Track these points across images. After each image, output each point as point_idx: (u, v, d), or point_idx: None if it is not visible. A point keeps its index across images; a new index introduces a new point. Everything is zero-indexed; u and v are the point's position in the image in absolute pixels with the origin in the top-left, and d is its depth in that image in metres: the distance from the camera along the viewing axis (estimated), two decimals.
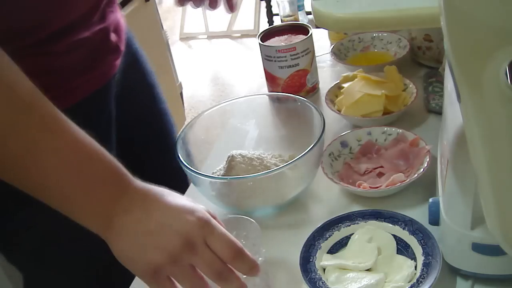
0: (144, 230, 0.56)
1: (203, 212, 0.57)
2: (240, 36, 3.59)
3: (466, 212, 0.56)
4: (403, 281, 0.59)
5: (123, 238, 0.56)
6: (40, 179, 0.55)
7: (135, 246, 0.56)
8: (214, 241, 0.56)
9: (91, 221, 0.57)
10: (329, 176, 0.75)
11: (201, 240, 0.55)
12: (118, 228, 0.56)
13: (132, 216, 0.56)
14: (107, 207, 0.56)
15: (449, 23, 0.39)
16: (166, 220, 0.56)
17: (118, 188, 0.57)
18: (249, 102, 0.87)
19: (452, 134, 0.55)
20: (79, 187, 0.56)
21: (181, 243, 0.55)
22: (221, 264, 0.56)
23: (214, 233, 0.56)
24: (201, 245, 0.55)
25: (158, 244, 0.55)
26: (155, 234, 0.55)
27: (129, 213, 0.56)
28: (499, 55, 0.37)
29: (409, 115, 0.88)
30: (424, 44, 0.98)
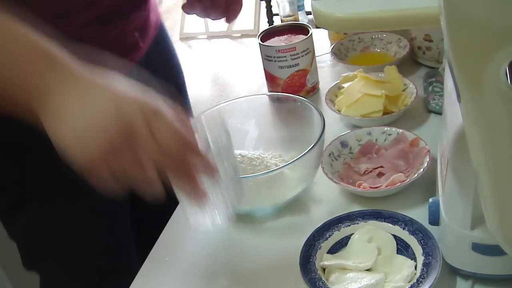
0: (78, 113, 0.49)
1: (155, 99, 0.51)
2: (240, 36, 3.59)
3: (466, 212, 0.56)
4: (403, 281, 0.59)
5: (57, 121, 0.50)
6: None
7: (69, 132, 0.49)
8: (159, 129, 0.49)
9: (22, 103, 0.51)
10: (329, 176, 0.75)
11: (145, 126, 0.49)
12: (51, 108, 0.50)
13: (66, 96, 0.49)
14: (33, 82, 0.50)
15: (449, 23, 0.39)
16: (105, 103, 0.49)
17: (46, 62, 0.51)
18: (249, 102, 0.87)
19: (452, 134, 0.55)
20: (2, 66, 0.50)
21: (119, 128, 0.48)
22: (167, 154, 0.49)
23: (159, 119, 0.49)
24: (144, 132, 0.49)
25: (94, 131, 0.48)
26: (90, 119, 0.49)
27: (62, 91, 0.50)
28: (499, 55, 0.37)
29: (409, 115, 0.88)
30: (424, 44, 0.98)
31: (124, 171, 0.50)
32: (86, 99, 0.50)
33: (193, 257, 0.72)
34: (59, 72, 0.51)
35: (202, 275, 0.70)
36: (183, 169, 0.51)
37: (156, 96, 0.52)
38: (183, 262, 0.71)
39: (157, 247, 0.76)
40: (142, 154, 0.49)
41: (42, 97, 0.50)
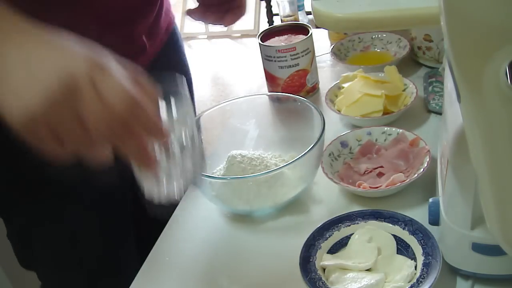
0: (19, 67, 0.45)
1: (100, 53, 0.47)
2: (240, 36, 3.59)
3: (466, 212, 0.56)
4: (403, 281, 0.59)
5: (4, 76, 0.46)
6: None
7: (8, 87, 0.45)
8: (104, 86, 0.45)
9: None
10: (329, 176, 0.75)
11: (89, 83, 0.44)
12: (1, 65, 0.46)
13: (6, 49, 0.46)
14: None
15: (449, 23, 0.39)
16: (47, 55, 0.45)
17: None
18: (249, 102, 0.87)
19: (452, 134, 0.55)
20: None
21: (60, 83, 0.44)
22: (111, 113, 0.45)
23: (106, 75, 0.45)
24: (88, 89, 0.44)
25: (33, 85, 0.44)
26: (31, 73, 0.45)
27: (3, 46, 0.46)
28: (499, 55, 0.37)
29: (409, 115, 0.88)
30: (424, 44, 0.98)
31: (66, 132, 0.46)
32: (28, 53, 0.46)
33: (193, 257, 0.72)
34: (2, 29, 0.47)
35: (202, 275, 0.70)
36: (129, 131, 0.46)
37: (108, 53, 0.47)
38: (183, 262, 0.71)
39: (157, 247, 0.76)
40: (85, 112, 0.45)
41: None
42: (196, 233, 0.76)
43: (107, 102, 0.45)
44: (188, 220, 0.80)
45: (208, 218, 0.78)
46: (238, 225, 0.75)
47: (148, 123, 0.47)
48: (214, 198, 0.75)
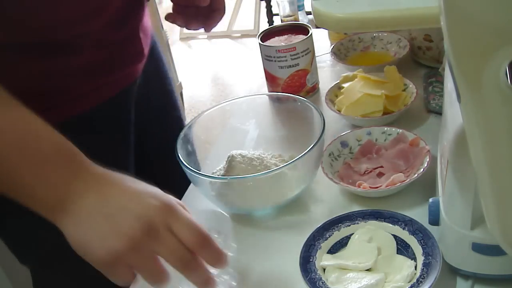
0: (101, 214, 0.52)
1: (168, 197, 0.54)
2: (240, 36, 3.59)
3: (466, 212, 0.56)
4: (403, 281, 0.59)
5: (78, 223, 0.52)
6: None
7: (92, 232, 0.52)
8: (178, 227, 0.52)
9: (41, 205, 0.53)
10: (329, 176, 0.75)
11: (165, 226, 0.52)
12: (72, 212, 0.52)
13: (88, 199, 0.52)
14: (58, 189, 0.52)
15: (449, 23, 0.39)
16: (127, 204, 0.52)
17: (70, 169, 0.53)
18: (249, 102, 0.87)
19: (452, 134, 0.55)
20: (26, 168, 0.52)
21: (142, 228, 0.51)
22: (186, 252, 0.52)
23: (179, 218, 0.52)
24: (164, 231, 0.52)
25: (118, 230, 0.51)
26: (114, 219, 0.51)
27: (85, 196, 0.52)
28: (499, 55, 0.37)
29: (409, 115, 0.88)
30: (424, 44, 0.98)
31: (141, 266, 0.53)
32: (107, 200, 0.52)
33: None
34: (85, 176, 0.53)
35: None
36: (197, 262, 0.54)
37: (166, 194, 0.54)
38: None
39: None
40: (162, 249, 0.52)
41: (62, 199, 0.52)
42: None
43: (182, 239, 0.52)
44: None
45: (208, 218, 0.78)
46: (238, 225, 0.75)
47: (215, 254, 0.54)
48: (214, 198, 0.75)
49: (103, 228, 0.51)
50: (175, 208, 0.53)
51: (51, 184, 0.53)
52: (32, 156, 0.53)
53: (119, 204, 0.52)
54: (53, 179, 0.53)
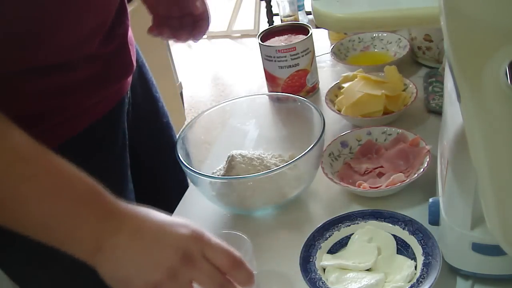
0: (137, 248, 0.54)
1: (196, 225, 0.56)
2: (240, 36, 3.58)
3: (466, 212, 0.56)
4: (403, 281, 0.59)
5: (116, 260, 0.54)
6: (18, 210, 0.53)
7: (130, 266, 0.54)
8: (212, 252, 0.54)
9: (78, 248, 0.55)
10: (329, 176, 0.75)
11: (199, 253, 0.54)
12: (109, 250, 0.54)
13: (123, 236, 0.54)
14: (94, 230, 0.54)
15: (449, 23, 0.39)
16: (160, 236, 0.54)
17: (103, 210, 0.55)
18: (249, 102, 0.87)
19: (452, 134, 0.55)
20: (61, 213, 0.54)
21: (178, 257, 0.53)
22: (221, 276, 0.55)
23: (211, 244, 0.55)
24: (199, 258, 0.54)
25: (155, 261, 0.53)
26: (150, 251, 0.53)
27: (119, 233, 0.54)
28: (499, 55, 0.38)
29: (409, 115, 0.88)
30: (424, 44, 0.98)
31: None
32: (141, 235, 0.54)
33: None
34: (117, 215, 0.55)
35: None
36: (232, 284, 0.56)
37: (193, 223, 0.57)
38: None
39: None
40: (199, 275, 0.54)
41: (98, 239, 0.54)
42: None
43: (216, 263, 0.54)
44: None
45: (208, 218, 0.78)
46: (238, 225, 0.75)
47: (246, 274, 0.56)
48: (214, 198, 0.75)
49: (140, 262, 0.53)
50: (205, 235, 0.55)
51: (86, 225, 0.54)
52: (66, 200, 0.54)
53: (152, 237, 0.54)
54: (88, 220, 0.54)
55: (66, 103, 0.71)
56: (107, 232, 0.54)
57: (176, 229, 0.54)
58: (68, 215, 0.54)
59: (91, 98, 0.75)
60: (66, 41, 0.67)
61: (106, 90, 0.77)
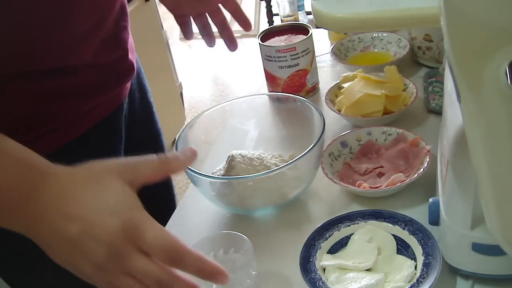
0: (64, 239, 0.50)
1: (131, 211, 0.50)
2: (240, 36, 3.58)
3: (466, 212, 0.56)
4: (403, 281, 0.59)
5: (47, 247, 0.51)
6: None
7: (60, 255, 0.51)
8: (146, 246, 0.49)
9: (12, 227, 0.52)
10: (329, 176, 0.75)
11: (129, 247, 0.49)
12: (37, 235, 0.51)
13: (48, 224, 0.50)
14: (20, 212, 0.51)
15: (449, 23, 0.39)
16: (85, 227, 0.49)
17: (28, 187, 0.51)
18: (249, 102, 0.87)
19: (452, 134, 0.55)
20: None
21: (105, 253, 0.48)
22: (157, 270, 0.49)
23: (144, 237, 0.49)
24: (130, 253, 0.49)
25: (82, 255, 0.49)
26: (76, 244, 0.49)
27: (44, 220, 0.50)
28: (499, 55, 0.37)
29: (409, 115, 0.88)
30: (424, 44, 0.98)
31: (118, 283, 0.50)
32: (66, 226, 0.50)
33: None
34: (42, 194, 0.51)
35: None
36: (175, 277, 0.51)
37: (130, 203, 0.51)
38: None
39: None
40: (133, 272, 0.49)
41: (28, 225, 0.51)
42: (196, 233, 0.76)
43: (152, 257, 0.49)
44: (188, 220, 0.80)
45: (208, 218, 0.78)
46: (238, 225, 0.75)
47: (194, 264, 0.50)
48: (214, 198, 0.75)
49: (69, 253, 0.50)
50: (138, 225, 0.49)
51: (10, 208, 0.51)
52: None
53: (78, 226, 0.49)
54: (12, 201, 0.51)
55: (64, 108, 0.71)
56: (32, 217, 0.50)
57: (105, 218, 0.49)
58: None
59: (89, 103, 0.74)
60: (60, 42, 0.67)
61: (105, 95, 0.77)
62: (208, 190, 0.74)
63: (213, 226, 0.77)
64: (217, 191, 0.74)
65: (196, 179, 0.73)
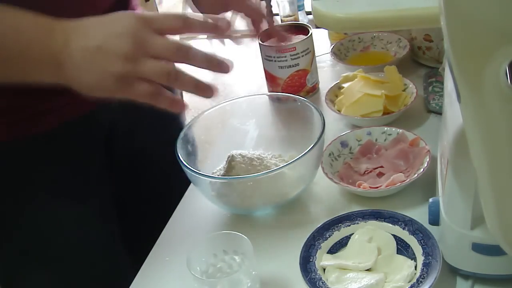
0: (91, 49, 0.56)
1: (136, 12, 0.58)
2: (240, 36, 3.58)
3: (466, 212, 0.56)
4: (403, 281, 0.59)
5: (77, 68, 0.56)
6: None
7: (92, 68, 0.56)
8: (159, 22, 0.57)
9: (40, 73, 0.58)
10: (329, 176, 0.75)
11: (149, 32, 0.56)
12: (67, 61, 0.56)
13: (74, 44, 0.56)
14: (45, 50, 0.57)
15: (449, 23, 0.39)
16: (107, 30, 0.56)
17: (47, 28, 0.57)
18: (249, 102, 0.87)
19: (452, 134, 0.55)
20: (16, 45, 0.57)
21: (132, 41, 0.55)
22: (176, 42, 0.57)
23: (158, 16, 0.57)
24: (151, 36, 0.56)
25: (112, 54, 0.55)
26: (104, 47, 0.55)
27: (69, 42, 0.56)
28: (499, 55, 0.37)
29: (409, 115, 0.88)
30: (424, 44, 0.98)
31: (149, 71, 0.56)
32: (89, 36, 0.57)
33: None
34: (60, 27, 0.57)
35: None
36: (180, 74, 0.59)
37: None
38: (183, 262, 0.71)
39: (157, 247, 0.76)
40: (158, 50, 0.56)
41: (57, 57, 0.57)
42: (196, 233, 0.76)
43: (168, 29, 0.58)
44: (188, 220, 0.80)
45: (208, 218, 0.78)
46: (238, 225, 0.75)
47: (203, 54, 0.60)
48: (214, 198, 0.75)
49: (100, 59, 0.56)
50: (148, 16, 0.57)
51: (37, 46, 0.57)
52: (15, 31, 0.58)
53: (101, 33, 0.56)
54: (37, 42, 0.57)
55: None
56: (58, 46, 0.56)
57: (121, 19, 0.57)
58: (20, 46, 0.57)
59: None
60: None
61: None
62: (208, 190, 0.74)
63: (213, 226, 0.76)
64: (217, 191, 0.74)
65: (196, 179, 0.73)
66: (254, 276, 0.62)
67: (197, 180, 0.73)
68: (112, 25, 0.57)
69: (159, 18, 0.58)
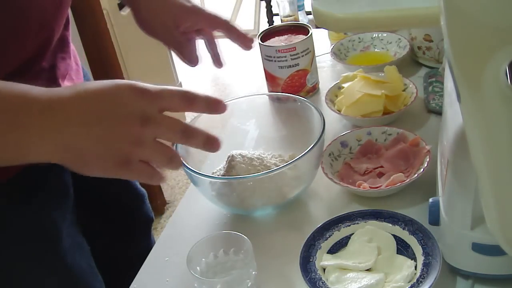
0: (95, 131, 0.52)
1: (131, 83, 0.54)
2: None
3: (466, 212, 0.56)
4: (403, 281, 0.59)
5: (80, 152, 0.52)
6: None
7: (96, 150, 0.52)
8: (162, 102, 0.54)
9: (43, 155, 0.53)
10: (329, 176, 0.75)
11: (154, 109, 0.53)
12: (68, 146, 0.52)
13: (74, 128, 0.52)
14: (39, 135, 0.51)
15: (449, 23, 0.39)
16: (109, 109, 0.52)
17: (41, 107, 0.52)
18: (249, 102, 0.87)
19: (452, 134, 0.55)
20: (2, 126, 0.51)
21: (138, 121, 0.52)
22: (181, 123, 0.55)
23: (156, 93, 0.54)
24: (156, 114, 0.53)
25: (118, 134, 0.52)
26: (109, 127, 0.52)
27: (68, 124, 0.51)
28: (499, 55, 0.38)
29: (409, 115, 0.88)
30: (424, 44, 0.98)
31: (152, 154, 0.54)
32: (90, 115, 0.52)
33: None
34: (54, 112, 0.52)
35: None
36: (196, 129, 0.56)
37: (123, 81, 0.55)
38: (183, 262, 0.71)
39: (157, 247, 0.76)
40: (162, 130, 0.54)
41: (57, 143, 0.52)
42: (196, 233, 0.76)
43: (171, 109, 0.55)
44: (188, 220, 0.80)
45: (208, 218, 0.78)
46: (238, 225, 0.75)
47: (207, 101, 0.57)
48: (214, 198, 0.75)
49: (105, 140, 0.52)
50: (145, 87, 0.54)
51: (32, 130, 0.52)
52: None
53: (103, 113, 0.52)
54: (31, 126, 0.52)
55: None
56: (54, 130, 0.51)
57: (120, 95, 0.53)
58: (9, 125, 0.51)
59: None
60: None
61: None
62: (208, 190, 0.74)
63: (213, 226, 0.77)
64: (217, 191, 0.74)
65: (196, 179, 0.73)
66: (254, 276, 0.62)
67: (197, 180, 0.73)
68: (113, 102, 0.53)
69: (165, 96, 0.54)
